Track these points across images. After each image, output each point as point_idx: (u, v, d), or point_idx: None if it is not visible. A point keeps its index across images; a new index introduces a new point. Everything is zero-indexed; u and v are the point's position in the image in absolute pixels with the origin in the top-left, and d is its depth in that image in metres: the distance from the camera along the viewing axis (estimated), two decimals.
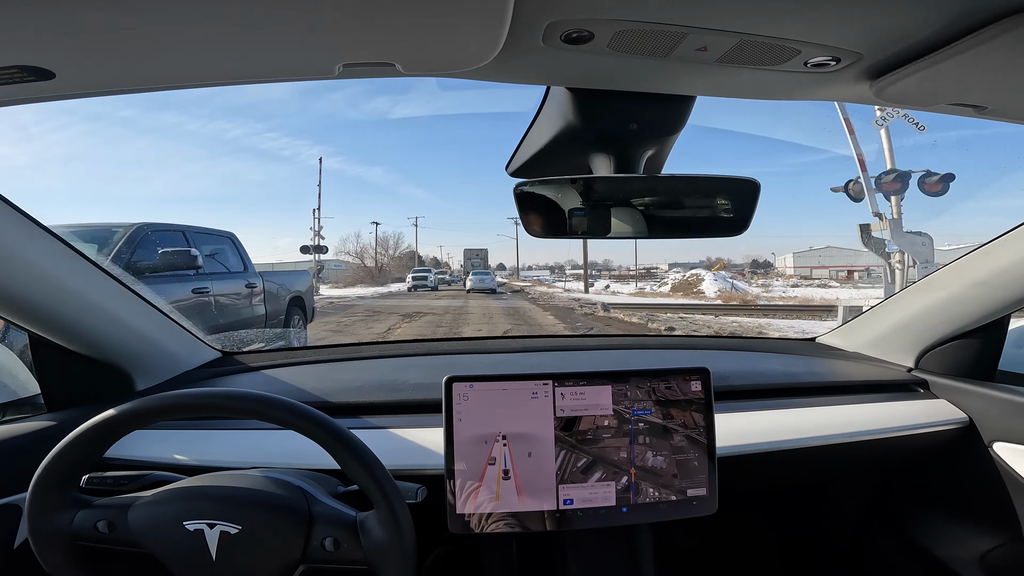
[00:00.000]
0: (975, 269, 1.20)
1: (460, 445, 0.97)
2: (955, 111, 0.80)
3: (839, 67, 0.68)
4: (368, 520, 0.77)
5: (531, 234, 0.88)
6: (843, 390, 1.36)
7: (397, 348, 1.63)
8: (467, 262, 56.21)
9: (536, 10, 0.55)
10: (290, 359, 1.48)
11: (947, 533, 1.31)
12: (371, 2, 0.50)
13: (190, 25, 0.52)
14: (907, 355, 1.43)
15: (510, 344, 1.67)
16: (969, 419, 1.26)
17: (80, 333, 1.07)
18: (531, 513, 0.98)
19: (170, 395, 0.78)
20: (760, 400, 1.28)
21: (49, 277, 0.96)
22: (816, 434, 1.18)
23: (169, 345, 1.30)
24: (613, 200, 0.88)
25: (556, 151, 0.94)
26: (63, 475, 0.77)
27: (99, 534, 0.78)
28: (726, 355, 1.60)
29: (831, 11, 0.56)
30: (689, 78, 0.75)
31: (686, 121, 0.86)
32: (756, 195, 0.87)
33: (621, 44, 0.63)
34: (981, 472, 1.23)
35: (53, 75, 0.59)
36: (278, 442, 1.04)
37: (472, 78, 0.71)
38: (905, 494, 1.44)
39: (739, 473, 1.15)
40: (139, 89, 0.66)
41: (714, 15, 0.57)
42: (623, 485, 1.00)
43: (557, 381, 1.00)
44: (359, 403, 1.19)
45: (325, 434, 0.76)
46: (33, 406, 1.16)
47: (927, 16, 0.56)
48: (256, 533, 0.76)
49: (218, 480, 0.82)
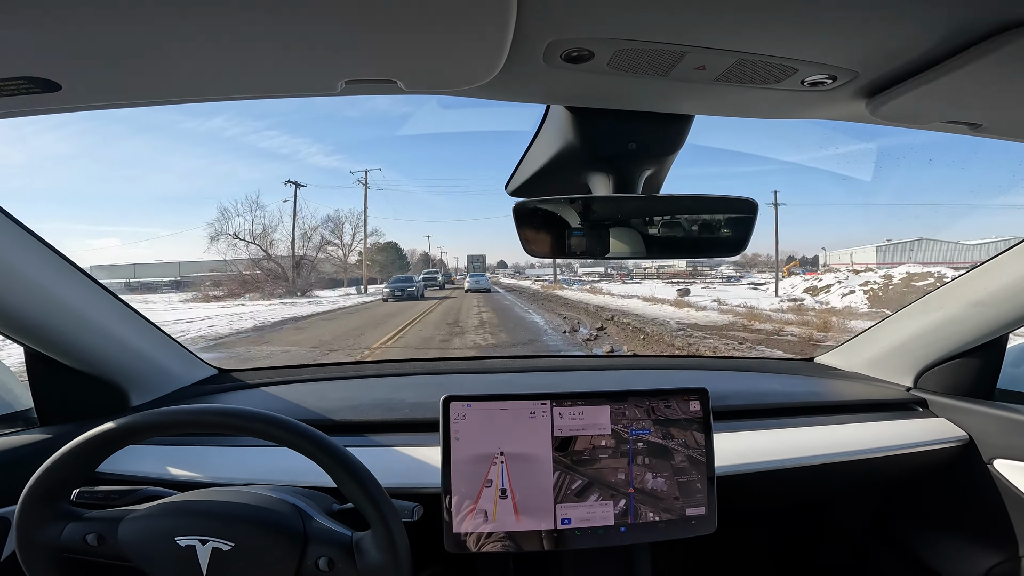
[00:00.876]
0: (972, 289, 1.20)
1: (457, 464, 0.96)
2: (950, 129, 0.80)
3: (835, 85, 0.69)
4: (364, 540, 0.76)
5: (529, 253, 0.88)
6: (842, 409, 1.35)
7: (394, 367, 1.63)
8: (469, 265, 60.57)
9: (537, 29, 0.56)
10: (286, 377, 1.48)
11: (949, 551, 1.30)
12: (374, 20, 0.51)
13: (195, 41, 0.53)
14: (906, 374, 1.43)
15: (508, 364, 1.67)
16: (969, 437, 1.25)
17: (75, 348, 1.07)
18: (528, 533, 0.96)
19: (164, 411, 0.77)
20: (759, 420, 1.28)
21: (46, 292, 0.96)
22: (815, 453, 1.17)
23: (165, 361, 1.29)
24: (612, 220, 0.89)
25: (555, 170, 0.95)
26: (54, 488, 0.76)
27: (88, 547, 0.76)
28: (724, 375, 1.59)
29: (827, 30, 0.57)
30: (687, 97, 0.77)
31: (684, 140, 0.87)
32: (754, 214, 0.87)
33: (621, 63, 0.64)
34: (982, 489, 1.23)
35: (60, 87, 0.60)
36: (273, 459, 1.03)
37: (473, 96, 0.72)
38: (905, 512, 1.43)
39: (738, 492, 1.14)
40: (144, 103, 0.67)
41: (713, 34, 0.58)
42: (621, 505, 0.99)
43: (555, 401, 1.00)
44: (356, 421, 1.18)
45: (321, 452, 0.75)
46: (26, 420, 1.15)
47: (922, 34, 0.57)
48: (249, 550, 0.75)
49: (211, 496, 0.81)
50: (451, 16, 0.51)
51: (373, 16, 0.50)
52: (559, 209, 0.86)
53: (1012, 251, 1.12)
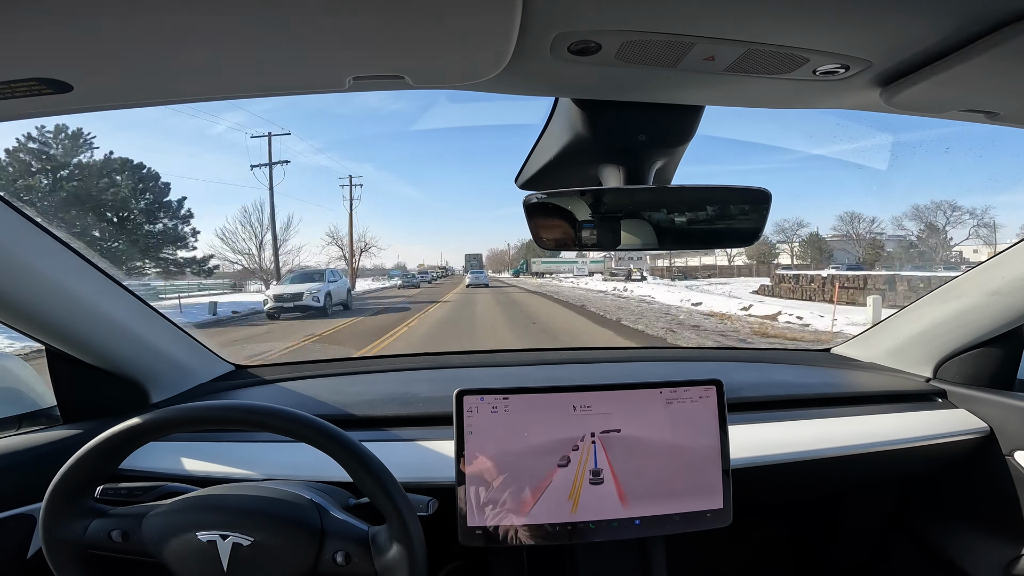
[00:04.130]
0: (990, 278, 1.18)
1: (471, 457, 0.97)
2: (967, 117, 0.79)
3: (848, 75, 0.68)
4: (380, 535, 0.77)
5: (541, 246, 0.88)
6: (860, 400, 1.34)
7: (408, 362, 1.63)
8: (467, 263, 68.82)
9: (544, 22, 0.56)
10: (302, 372, 1.49)
11: (968, 543, 1.28)
12: (381, 16, 0.51)
13: (205, 40, 0.54)
14: (925, 365, 1.41)
15: (520, 357, 1.67)
16: (989, 428, 1.23)
17: (96, 347, 1.08)
18: (543, 526, 0.97)
19: (185, 407, 0.78)
20: (774, 411, 1.26)
21: (66, 291, 0.97)
22: (832, 445, 1.16)
23: (183, 358, 1.31)
24: (623, 212, 0.88)
25: (565, 163, 0.95)
26: (78, 485, 0.78)
27: (113, 543, 0.78)
28: (739, 366, 1.58)
29: (838, 19, 0.56)
30: (697, 88, 0.76)
31: (695, 131, 0.86)
32: (768, 204, 0.86)
33: (628, 55, 0.63)
34: (1002, 481, 1.21)
35: (71, 88, 0.60)
36: (290, 454, 1.04)
37: (481, 90, 0.71)
38: (924, 505, 1.41)
39: (754, 485, 1.13)
40: (154, 102, 0.68)
41: (721, 24, 0.57)
42: (636, 497, 0.99)
43: (568, 393, 1.00)
44: (371, 416, 1.19)
45: (337, 447, 0.76)
46: (49, 418, 1.17)
47: (935, 22, 0.56)
48: (268, 545, 0.76)
49: (232, 491, 0.83)
50: (457, 10, 0.51)
51: (380, 11, 0.50)
52: (569, 202, 0.86)
53: None
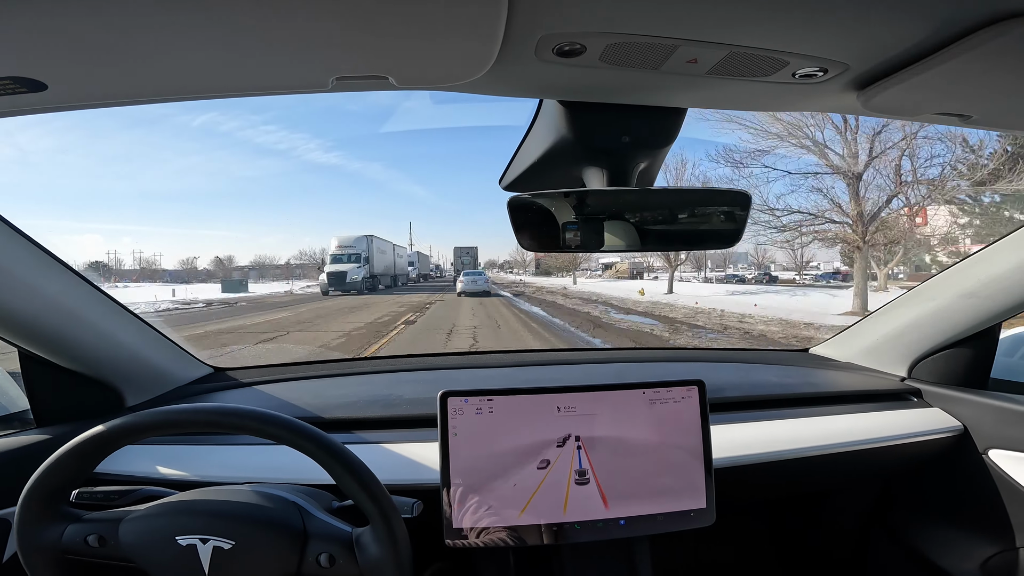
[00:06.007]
0: (964, 279, 1.21)
1: (455, 459, 0.96)
2: (941, 120, 0.81)
3: (826, 78, 0.69)
4: (364, 536, 0.76)
5: (524, 247, 0.88)
6: (837, 400, 1.36)
7: (391, 364, 1.62)
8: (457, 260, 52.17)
9: (528, 24, 0.56)
10: (282, 375, 1.47)
11: (947, 541, 1.31)
12: (365, 17, 0.51)
13: (183, 38, 0.53)
14: (900, 364, 1.44)
15: (505, 359, 1.67)
16: (963, 427, 1.26)
17: (70, 349, 1.06)
18: (528, 526, 0.97)
19: (161, 411, 0.77)
20: (755, 411, 1.28)
21: (38, 292, 0.95)
22: (811, 444, 1.18)
23: (160, 361, 1.28)
24: (607, 213, 0.89)
25: (549, 164, 0.95)
26: (53, 489, 0.76)
27: (89, 548, 0.76)
28: (720, 367, 1.60)
29: (817, 23, 0.58)
30: (680, 90, 0.77)
31: (678, 133, 0.87)
32: (748, 206, 0.88)
33: (613, 57, 0.64)
34: (977, 479, 1.24)
35: (45, 87, 0.59)
36: (271, 457, 1.03)
37: (465, 91, 0.72)
38: (903, 502, 1.44)
39: (736, 484, 1.14)
40: (132, 101, 0.67)
41: (704, 28, 0.58)
42: (620, 498, 0.99)
43: (553, 394, 1.00)
44: (353, 418, 1.18)
45: (319, 449, 0.75)
46: (22, 421, 1.15)
47: (911, 27, 0.58)
48: (250, 548, 0.75)
49: (211, 495, 0.81)
50: (442, 11, 0.51)
51: (363, 11, 0.50)
52: (554, 203, 0.86)
53: (1003, 241, 1.13)
